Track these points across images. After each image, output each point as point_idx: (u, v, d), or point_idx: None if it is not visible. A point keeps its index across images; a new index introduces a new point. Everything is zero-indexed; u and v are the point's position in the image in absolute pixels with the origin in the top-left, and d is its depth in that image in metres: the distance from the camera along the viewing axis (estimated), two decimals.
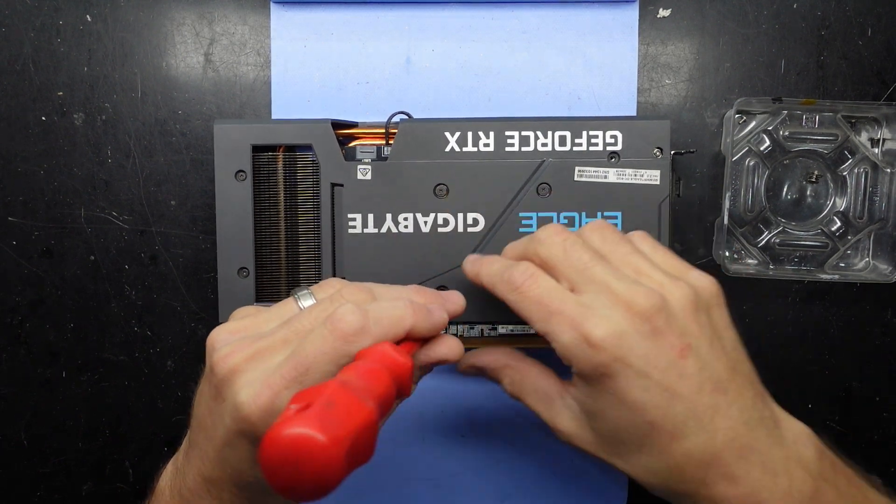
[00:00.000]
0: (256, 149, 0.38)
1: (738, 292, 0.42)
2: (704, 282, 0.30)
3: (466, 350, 0.34)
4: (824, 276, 0.42)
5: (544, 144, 0.38)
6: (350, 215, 0.38)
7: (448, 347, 0.31)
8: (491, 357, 0.34)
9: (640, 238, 0.32)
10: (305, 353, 0.27)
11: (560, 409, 0.31)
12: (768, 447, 0.28)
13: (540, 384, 0.32)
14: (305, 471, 0.20)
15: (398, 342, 0.29)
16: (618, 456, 0.30)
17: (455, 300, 0.33)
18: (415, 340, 0.30)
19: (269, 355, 0.28)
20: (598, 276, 0.29)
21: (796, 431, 0.29)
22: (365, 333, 0.28)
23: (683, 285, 0.29)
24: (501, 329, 0.40)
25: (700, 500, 0.28)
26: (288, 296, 0.32)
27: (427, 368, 0.32)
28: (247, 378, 0.27)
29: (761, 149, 0.42)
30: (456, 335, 0.40)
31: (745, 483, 0.27)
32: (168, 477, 0.32)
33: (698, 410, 0.27)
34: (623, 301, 0.28)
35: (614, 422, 0.28)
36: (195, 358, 0.43)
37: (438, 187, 0.38)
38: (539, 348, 0.42)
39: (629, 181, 0.38)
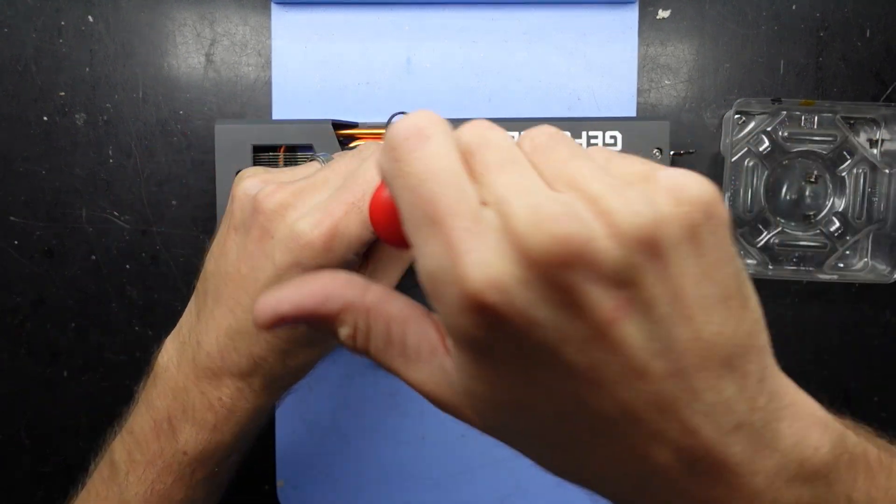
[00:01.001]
0: (257, 149, 0.38)
1: None
2: (682, 187, 0.17)
3: None
4: (823, 277, 0.42)
5: None
6: None
7: None
8: (317, 295, 0.21)
9: (598, 148, 0.20)
10: (362, 180, 0.27)
11: (432, 371, 0.21)
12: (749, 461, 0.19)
13: (401, 334, 0.21)
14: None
15: None
16: (516, 446, 0.22)
17: None
18: None
19: (316, 192, 0.28)
20: (503, 182, 0.17)
21: (799, 431, 0.19)
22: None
23: (637, 200, 0.17)
24: None
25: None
26: None
27: None
28: (301, 210, 0.27)
29: (760, 149, 0.42)
30: None
31: None
32: (170, 352, 0.31)
33: (636, 407, 0.18)
34: (520, 229, 0.16)
35: (503, 408, 0.20)
36: None
37: None
38: None
39: None
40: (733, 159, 0.41)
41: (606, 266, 0.16)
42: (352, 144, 0.39)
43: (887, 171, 0.41)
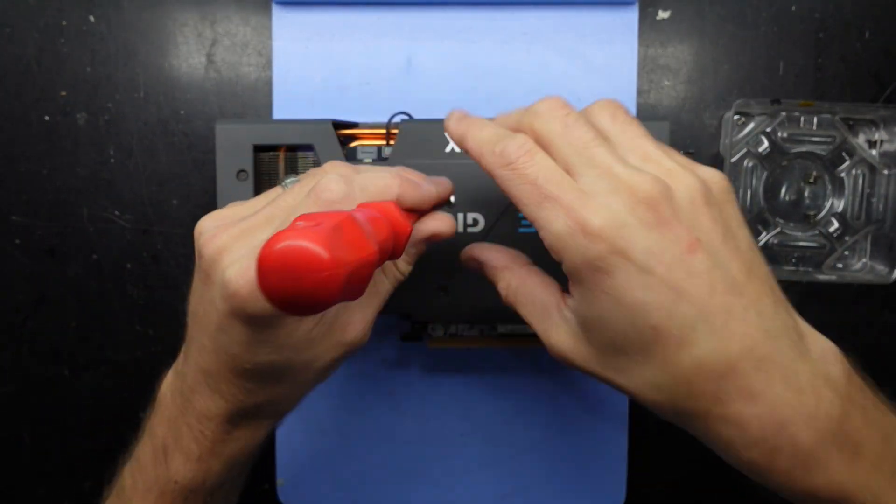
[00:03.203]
0: (258, 149, 0.38)
1: None
2: (715, 176, 0.26)
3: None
4: (822, 277, 0.42)
5: None
6: None
7: (440, 221, 0.30)
8: (493, 254, 0.31)
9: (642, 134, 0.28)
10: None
11: (556, 322, 0.28)
12: (792, 360, 0.24)
13: (538, 294, 0.29)
14: (303, 284, 0.18)
15: None
16: (617, 370, 0.26)
17: (442, 181, 0.31)
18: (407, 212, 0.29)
19: (256, 232, 0.27)
20: (599, 158, 0.25)
21: (823, 347, 0.25)
22: (351, 201, 0.26)
23: (692, 175, 0.25)
24: (501, 329, 0.40)
25: (713, 420, 0.24)
26: None
27: (421, 246, 0.30)
28: (233, 256, 0.26)
29: (760, 150, 0.42)
30: (455, 335, 0.41)
31: (765, 400, 0.23)
32: (168, 382, 0.31)
33: (709, 313, 0.24)
34: (626, 187, 0.24)
35: (612, 329, 0.25)
36: None
37: None
38: (537, 348, 0.42)
39: None
40: (733, 160, 0.42)
41: (685, 207, 0.25)
42: (352, 144, 0.39)
43: (886, 171, 0.41)
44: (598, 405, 0.44)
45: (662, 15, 0.42)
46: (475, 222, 0.38)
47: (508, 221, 0.38)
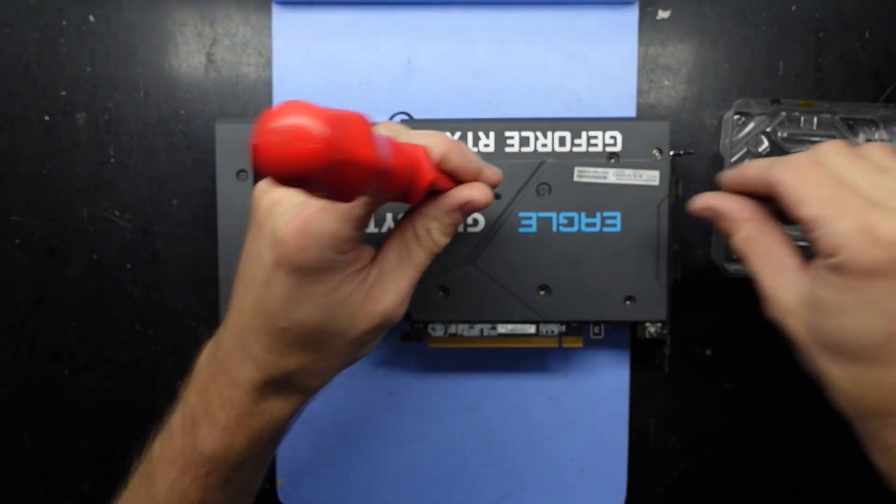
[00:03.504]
0: None
1: (737, 292, 0.42)
2: None
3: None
4: None
5: (544, 145, 0.38)
6: None
7: (477, 190, 0.29)
8: (735, 205, 0.32)
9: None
10: None
11: (790, 282, 0.29)
12: None
13: (777, 250, 0.30)
14: (288, 149, 0.18)
15: None
16: (828, 356, 0.28)
17: (492, 166, 0.31)
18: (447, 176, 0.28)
19: None
20: (888, 186, 0.27)
21: None
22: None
23: None
24: (501, 329, 0.40)
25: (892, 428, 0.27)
26: None
27: (456, 216, 0.29)
28: (285, 206, 0.26)
29: (760, 150, 0.42)
30: (455, 335, 0.40)
31: None
32: (206, 350, 0.31)
33: None
34: None
35: (852, 325, 0.26)
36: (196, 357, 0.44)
37: None
38: (537, 348, 0.42)
39: (628, 182, 0.38)
40: (733, 160, 0.42)
41: None
42: None
43: None
44: (598, 405, 0.44)
45: (662, 14, 0.42)
46: (475, 222, 0.38)
47: (508, 221, 0.38)
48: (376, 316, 0.29)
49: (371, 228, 0.38)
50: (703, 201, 0.32)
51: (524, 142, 0.38)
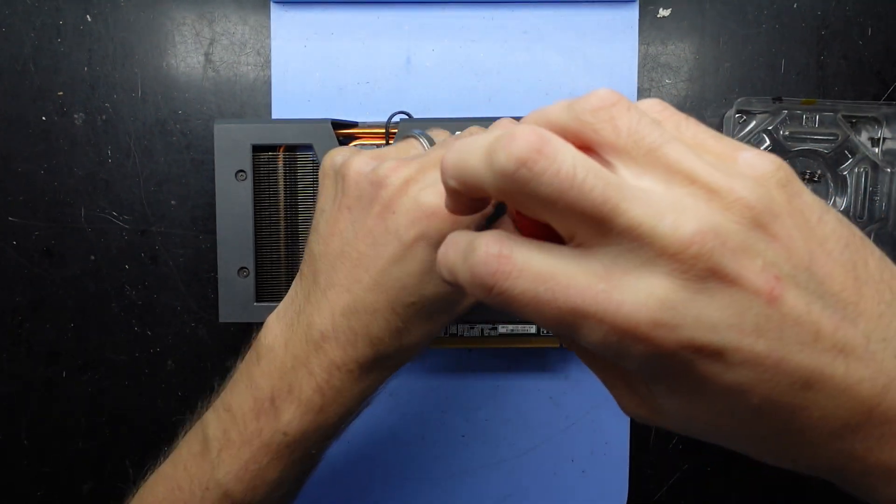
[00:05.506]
0: (257, 148, 0.38)
1: None
2: (763, 164, 0.20)
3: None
4: None
5: None
6: None
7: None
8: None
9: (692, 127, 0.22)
10: None
11: (633, 386, 0.22)
12: None
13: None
14: None
15: None
16: (720, 439, 0.22)
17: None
18: None
19: (435, 168, 0.28)
20: (675, 161, 0.18)
21: None
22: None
23: (735, 184, 0.18)
24: (501, 329, 0.40)
25: (851, 475, 0.20)
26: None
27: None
28: (424, 183, 0.27)
29: (761, 148, 0.42)
30: (455, 335, 0.40)
31: None
32: (277, 333, 0.30)
33: (821, 365, 0.18)
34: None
35: (706, 417, 0.20)
36: (195, 357, 0.43)
37: None
38: (538, 348, 0.42)
39: None
40: None
41: (742, 238, 0.18)
42: (351, 144, 0.38)
43: (889, 169, 0.41)
44: (599, 405, 0.44)
45: (663, 13, 0.42)
46: None
47: (508, 221, 0.38)
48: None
49: None
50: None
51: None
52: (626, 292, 0.17)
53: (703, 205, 0.18)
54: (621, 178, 0.18)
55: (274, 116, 0.42)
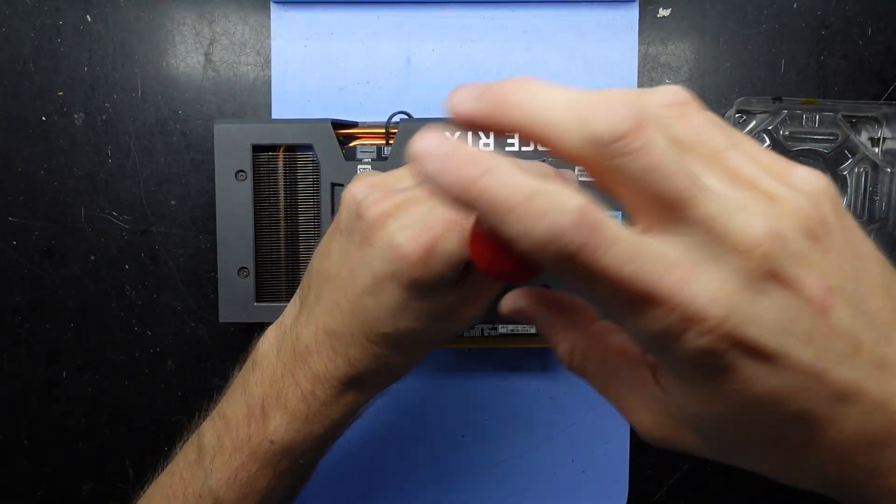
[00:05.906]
0: (256, 148, 0.38)
1: None
2: (812, 180, 0.20)
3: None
4: None
5: None
6: None
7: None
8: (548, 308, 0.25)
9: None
10: None
11: (646, 402, 0.22)
12: None
13: (616, 365, 0.23)
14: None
15: None
16: (742, 460, 0.22)
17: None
18: None
19: (420, 204, 0.27)
20: (737, 165, 0.19)
21: None
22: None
23: (797, 198, 0.19)
24: (501, 329, 0.39)
25: (871, 492, 0.20)
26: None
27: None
28: (402, 222, 0.26)
29: (763, 147, 0.42)
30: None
31: None
32: (271, 341, 0.31)
33: (859, 378, 0.19)
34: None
35: (736, 425, 0.20)
36: (195, 357, 0.43)
37: None
38: (538, 348, 0.42)
39: None
40: None
41: (801, 248, 0.18)
42: (351, 144, 0.38)
43: (889, 169, 0.41)
44: (599, 405, 0.44)
45: (663, 13, 0.42)
46: None
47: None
48: (465, 322, 0.30)
49: None
50: (509, 303, 0.25)
51: (524, 141, 0.38)
52: (699, 284, 0.17)
53: (767, 209, 0.18)
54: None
55: (274, 116, 0.42)
